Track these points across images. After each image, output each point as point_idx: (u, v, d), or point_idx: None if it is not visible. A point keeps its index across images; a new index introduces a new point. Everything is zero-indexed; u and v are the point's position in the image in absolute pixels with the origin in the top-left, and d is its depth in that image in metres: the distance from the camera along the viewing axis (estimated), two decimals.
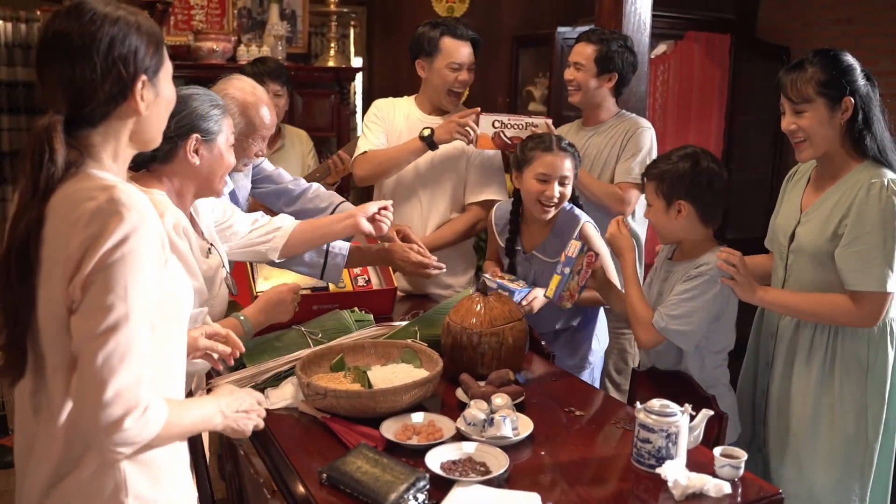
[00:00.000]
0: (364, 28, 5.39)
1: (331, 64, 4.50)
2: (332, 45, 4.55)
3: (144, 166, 1.93)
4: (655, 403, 1.71)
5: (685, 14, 4.80)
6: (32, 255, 1.26)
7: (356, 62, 5.24)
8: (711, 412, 1.81)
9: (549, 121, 2.78)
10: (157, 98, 1.37)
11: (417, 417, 1.88)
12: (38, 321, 1.28)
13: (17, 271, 1.26)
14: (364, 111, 5.47)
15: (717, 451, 1.69)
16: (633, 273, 2.32)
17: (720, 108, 5.01)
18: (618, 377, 3.09)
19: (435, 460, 1.68)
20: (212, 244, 2.09)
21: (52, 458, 1.31)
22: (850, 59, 2.13)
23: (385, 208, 2.41)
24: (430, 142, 2.81)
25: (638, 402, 1.75)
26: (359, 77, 5.13)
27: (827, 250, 2.12)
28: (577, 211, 2.60)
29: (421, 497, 1.55)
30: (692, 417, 1.75)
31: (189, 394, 2.06)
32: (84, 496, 1.32)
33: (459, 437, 1.80)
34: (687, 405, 1.72)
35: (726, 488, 1.60)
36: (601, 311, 2.72)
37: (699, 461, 1.71)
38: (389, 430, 1.82)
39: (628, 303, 2.28)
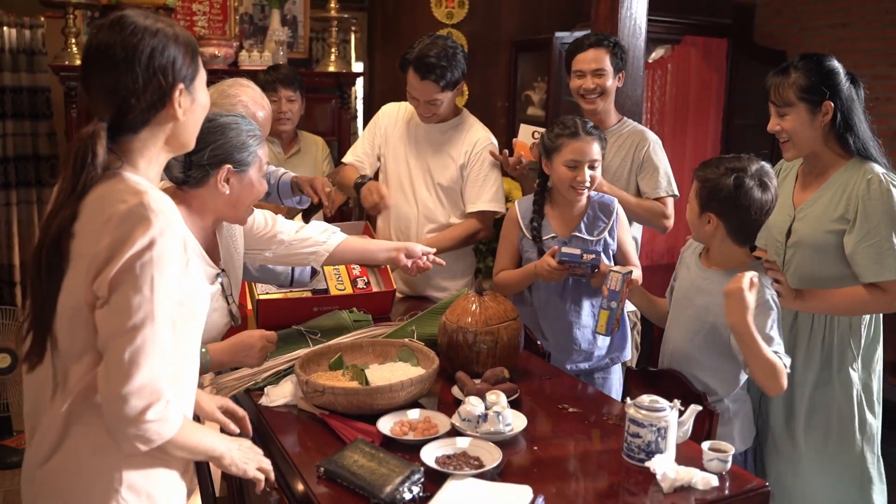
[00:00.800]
0: (365, 33, 5.44)
1: (331, 69, 4.54)
2: (333, 50, 4.59)
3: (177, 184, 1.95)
4: (645, 399, 1.75)
5: (682, 19, 4.84)
6: (64, 248, 1.33)
7: (357, 67, 5.29)
8: (700, 407, 1.85)
9: None
10: (192, 104, 1.46)
11: (413, 414, 1.92)
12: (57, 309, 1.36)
13: (48, 263, 1.33)
14: (365, 115, 5.54)
15: (705, 445, 1.72)
16: (752, 334, 1.95)
17: (717, 112, 5.05)
18: None
19: (430, 454, 1.71)
20: (222, 270, 2.10)
21: (51, 437, 1.38)
22: (833, 63, 2.20)
23: (429, 258, 2.50)
24: (357, 190, 2.90)
25: (628, 398, 1.79)
26: (359, 82, 5.17)
27: (827, 242, 2.21)
28: (605, 196, 2.65)
29: (416, 490, 1.59)
30: (681, 413, 1.79)
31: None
32: (79, 478, 1.39)
33: (454, 432, 1.83)
34: (676, 401, 1.76)
35: (713, 481, 1.64)
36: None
37: (688, 455, 1.75)
38: (386, 426, 1.86)
39: (761, 361, 1.96)
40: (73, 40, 3.98)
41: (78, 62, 3.92)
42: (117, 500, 1.39)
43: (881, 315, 2.33)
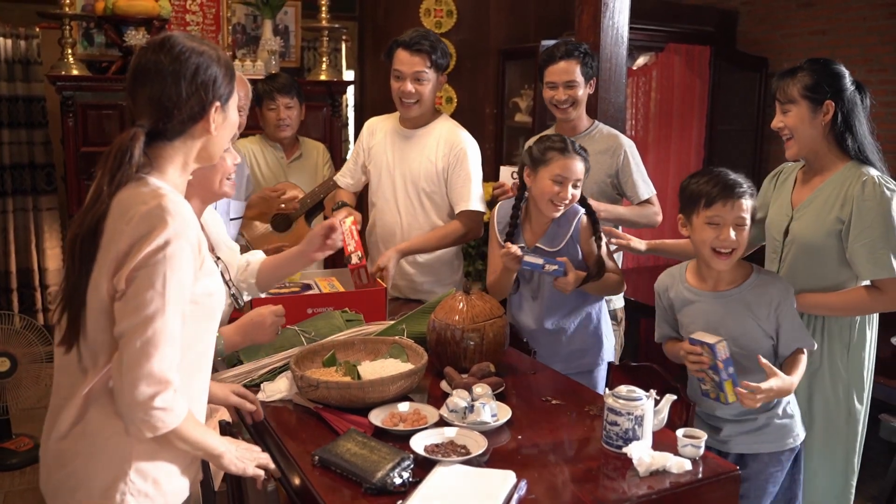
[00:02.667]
0: (355, 42, 5.53)
1: (323, 77, 4.63)
2: (324, 59, 4.68)
3: None
4: (623, 389, 1.84)
5: (666, 27, 4.94)
6: (97, 239, 1.45)
7: (348, 76, 5.38)
8: (675, 397, 1.94)
9: None
10: (224, 122, 1.59)
11: (403, 407, 2.00)
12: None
13: (81, 255, 1.45)
14: (356, 123, 5.63)
15: (679, 432, 1.81)
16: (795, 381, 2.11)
17: (701, 118, 5.15)
18: None
19: (419, 443, 1.80)
20: (218, 257, 2.18)
21: (71, 417, 1.49)
22: (839, 68, 2.32)
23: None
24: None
25: (607, 389, 1.88)
26: (350, 90, 5.26)
27: (823, 242, 2.29)
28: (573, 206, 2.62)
29: (405, 475, 1.67)
30: (657, 402, 1.88)
31: None
32: (92, 458, 1.49)
33: (443, 423, 1.92)
34: (652, 390, 1.85)
35: (687, 465, 1.73)
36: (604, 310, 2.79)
37: (664, 442, 1.84)
38: (377, 418, 1.94)
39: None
40: (69, 51, 4.05)
41: (74, 72, 4.01)
42: (126, 481, 1.48)
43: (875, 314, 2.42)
